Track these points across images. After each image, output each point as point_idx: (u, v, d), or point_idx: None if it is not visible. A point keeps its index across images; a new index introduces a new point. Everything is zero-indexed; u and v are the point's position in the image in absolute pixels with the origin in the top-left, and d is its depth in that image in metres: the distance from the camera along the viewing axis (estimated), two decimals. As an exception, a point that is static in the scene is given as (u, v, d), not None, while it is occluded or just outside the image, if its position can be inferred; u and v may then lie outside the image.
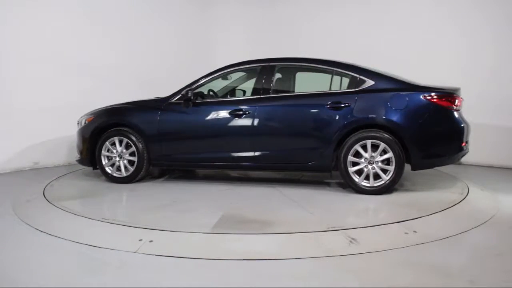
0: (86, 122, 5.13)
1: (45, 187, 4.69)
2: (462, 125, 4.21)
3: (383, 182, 4.20)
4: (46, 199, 4.14)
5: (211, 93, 5.18)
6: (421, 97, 4.18)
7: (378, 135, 4.18)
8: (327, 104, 4.35)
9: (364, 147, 4.21)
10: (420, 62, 6.38)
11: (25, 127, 5.92)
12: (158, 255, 2.79)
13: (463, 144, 4.25)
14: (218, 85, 5.28)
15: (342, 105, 4.30)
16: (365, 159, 4.21)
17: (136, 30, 7.24)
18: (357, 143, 4.22)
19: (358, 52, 6.66)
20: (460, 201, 3.98)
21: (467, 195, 4.22)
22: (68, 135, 6.42)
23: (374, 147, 4.19)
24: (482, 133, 6.00)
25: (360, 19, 7.07)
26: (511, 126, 5.87)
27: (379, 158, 4.18)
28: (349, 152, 4.24)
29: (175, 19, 7.88)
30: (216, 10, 8.54)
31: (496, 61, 5.92)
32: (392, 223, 3.34)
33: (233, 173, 5.52)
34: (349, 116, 4.28)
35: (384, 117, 4.20)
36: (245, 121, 4.55)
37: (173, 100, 4.85)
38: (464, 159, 4.96)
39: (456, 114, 4.22)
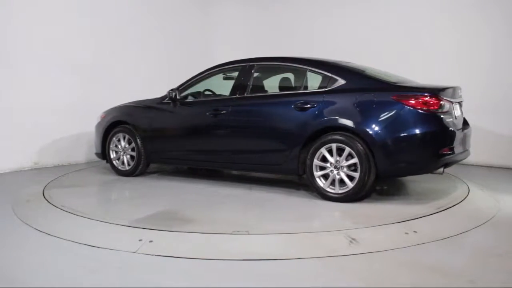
0: (101, 118, 5.57)
1: (45, 187, 4.70)
2: (441, 129, 3.79)
3: (348, 189, 3.92)
4: (46, 199, 4.14)
5: (207, 92, 5.20)
6: (390, 97, 3.83)
7: (342, 138, 3.91)
8: (294, 105, 4.18)
9: (331, 151, 3.97)
10: (420, 61, 6.38)
11: (25, 127, 5.91)
12: (158, 255, 2.79)
13: (444, 150, 3.79)
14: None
15: (309, 106, 4.10)
16: (331, 163, 3.98)
17: (137, 30, 7.24)
18: (322, 146, 3.99)
19: (357, 52, 6.66)
20: (460, 201, 3.98)
21: (467, 195, 4.22)
22: (68, 135, 6.44)
23: (342, 151, 3.93)
24: (482, 133, 6.00)
25: (359, 19, 7.07)
26: (511, 126, 5.86)
27: (345, 163, 3.90)
28: (314, 156, 4.03)
29: (175, 20, 7.88)
30: (215, 10, 8.55)
31: (496, 61, 5.92)
32: (392, 223, 3.34)
33: (235, 172, 5.53)
34: (314, 118, 4.06)
35: (348, 119, 3.91)
36: (220, 121, 4.61)
37: (165, 100, 5.08)
38: (464, 159, 4.92)
39: (432, 116, 3.77)
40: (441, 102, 3.81)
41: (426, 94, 3.80)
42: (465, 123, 4.44)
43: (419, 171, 4.00)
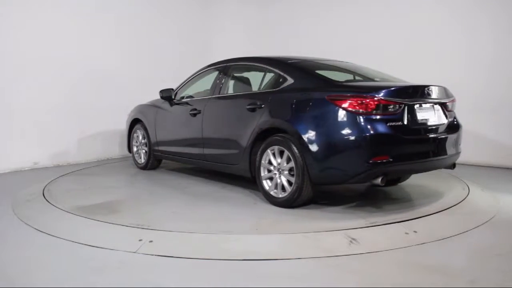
0: (128, 116, 6.14)
1: (45, 187, 4.70)
2: (373, 134, 3.36)
3: (286, 194, 3.76)
4: (46, 199, 4.14)
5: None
6: (325, 97, 3.54)
7: (282, 140, 3.75)
8: (246, 106, 4.13)
9: (280, 153, 3.83)
10: (420, 61, 6.38)
11: (25, 127, 5.92)
12: (158, 255, 2.79)
13: (376, 159, 3.36)
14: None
15: (257, 107, 4.03)
16: (274, 166, 3.86)
17: (136, 30, 7.24)
18: (267, 148, 3.89)
19: (357, 51, 6.68)
20: (460, 201, 3.98)
21: (467, 195, 4.21)
22: (68, 135, 6.43)
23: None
24: (483, 133, 6.01)
25: (359, 18, 7.08)
26: (511, 126, 5.86)
27: (286, 167, 3.77)
28: (262, 157, 3.94)
29: (175, 19, 7.89)
30: (215, 9, 8.56)
31: (496, 61, 5.91)
32: (392, 223, 3.34)
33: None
34: (260, 119, 3.97)
35: (286, 120, 3.75)
36: (197, 120, 4.78)
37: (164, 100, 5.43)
38: (464, 159, 4.88)
39: (363, 119, 3.38)
40: (378, 104, 3.40)
41: (359, 94, 3.44)
42: (452, 127, 3.98)
43: (349, 180, 3.52)
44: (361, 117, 3.39)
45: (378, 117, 3.41)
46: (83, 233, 3.22)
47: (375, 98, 3.40)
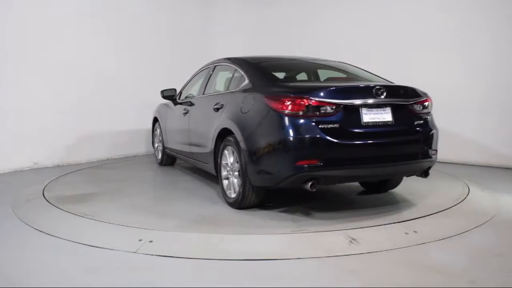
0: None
1: (45, 187, 4.70)
2: (299, 136, 3.19)
3: (235, 195, 3.73)
4: (46, 199, 4.14)
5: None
6: (263, 98, 3.44)
7: (232, 141, 3.72)
8: (213, 106, 4.20)
9: (233, 153, 3.80)
10: (419, 62, 6.39)
11: (25, 127, 5.92)
12: (158, 255, 2.79)
13: (303, 162, 3.18)
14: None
15: (219, 107, 4.08)
16: (229, 167, 3.86)
17: (136, 29, 7.25)
18: (224, 148, 3.90)
19: (357, 52, 6.68)
20: (460, 202, 3.98)
21: (467, 195, 4.21)
22: (68, 135, 6.43)
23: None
24: (482, 133, 6.00)
25: (359, 20, 7.08)
26: (511, 126, 5.86)
27: (236, 167, 3.72)
28: (221, 157, 3.95)
29: (175, 18, 7.89)
30: (215, 8, 8.57)
31: (497, 62, 5.91)
32: (392, 223, 3.34)
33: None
34: (219, 119, 3.99)
35: (232, 121, 3.73)
36: (186, 119, 5.02)
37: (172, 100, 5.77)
38: (464, 159, 4.87)
39: (291, 120, 3.22)
40: (308, 105, 3.21)
41: (290, 94, 3.29)
42: (419, 130, 3.59)
43: (279, 183, 3.35)
44: (290, 118, 3.23)
45: (308, 118, 3.21)
46: (83, 233, 3.22)
47: (305, 99, 3.22)
